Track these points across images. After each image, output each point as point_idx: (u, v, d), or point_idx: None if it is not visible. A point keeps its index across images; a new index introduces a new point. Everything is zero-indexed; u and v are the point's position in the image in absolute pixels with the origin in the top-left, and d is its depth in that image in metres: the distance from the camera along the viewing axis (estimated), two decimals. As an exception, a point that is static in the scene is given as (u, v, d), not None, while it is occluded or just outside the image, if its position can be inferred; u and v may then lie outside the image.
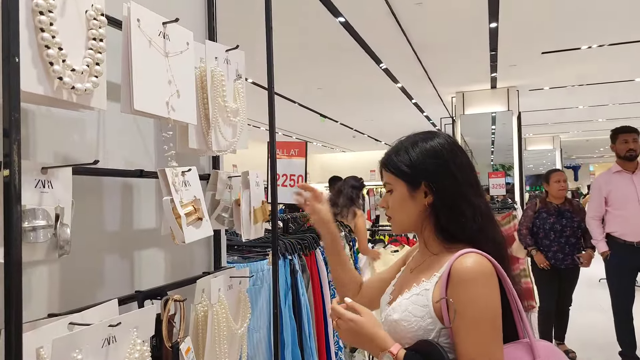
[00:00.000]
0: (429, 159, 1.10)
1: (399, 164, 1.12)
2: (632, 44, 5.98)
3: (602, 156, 25.30)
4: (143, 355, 0.92)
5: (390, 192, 1.15)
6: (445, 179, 1.08)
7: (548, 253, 3.82)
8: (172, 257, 1.38)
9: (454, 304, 0.95)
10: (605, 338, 4.25)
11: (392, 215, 1.16)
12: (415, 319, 0.99)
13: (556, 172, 3.94)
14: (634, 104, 10.38)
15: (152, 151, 1.32)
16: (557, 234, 3.79)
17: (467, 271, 0.96)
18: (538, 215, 3.90)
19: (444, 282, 0.98)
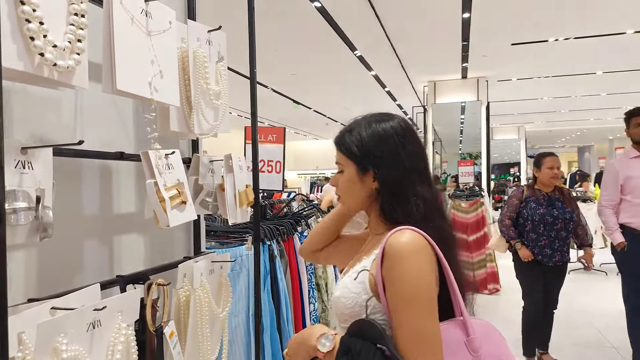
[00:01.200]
0: (380, 144, 1.09)
1: (351, 146, 1.11)
2: (595, 37, 6.18)
3: (564, 146, 26.25)
4: (128, 339, 0.90)
5: (340, 172, 1.15)
6: (393, 166, 1.07)
7: (534, 249, 3.31)
8: (152, 242, 1.36)
9: (389, 278, 0.95)
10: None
11: (340, 194, 1.16)
12: (352, 295, 1.00)
13: (549, 156, 3.38)
14: (595, 96, 10.77)
15: (132, 133, 1.28)
16: (546, 227, 3.26)
17: (400, 246, 0.96)
18: (525, 204, 3.37)
19: (379, 257, 0.98)
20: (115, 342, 0.88)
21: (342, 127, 1.24)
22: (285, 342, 2.05)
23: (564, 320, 3.43)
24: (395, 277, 0.95)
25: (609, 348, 3.88)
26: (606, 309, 4.61)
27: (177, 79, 1.16)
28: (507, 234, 3.44)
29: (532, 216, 3.30)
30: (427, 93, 8.87)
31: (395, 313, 0.94)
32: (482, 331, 1.01)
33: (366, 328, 0.94)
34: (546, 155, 3.40)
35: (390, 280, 0.95)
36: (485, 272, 5.91)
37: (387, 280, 0.95)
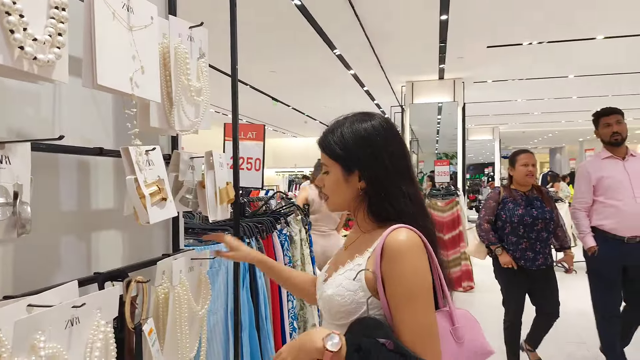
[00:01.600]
0: (363, 144, 1.11)
1: (334, 147, 1.13)
2: (567, 42, 6.35)
3: (536, 147, 26.89)
4: (107, 336, 0.90)
5: (326, 173, 1.17)
6: (378, 167, 1.09)
7: (515, 253, 3.11)
8: (131, 239, 1.34)
9: (390, 276, 0.99)
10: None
11: (327, 194, 1.18)
12: (348, 293, 1.03)
13: (523, 153, 3.23)
14: (567, 99, 11.07)
15: (111, 129, 1.27)
16: (526, 228, 3.07)
17: (400, 245, 0.99)
18: (503, 206, 3.18)
19: (377, 256, 1.01)
20: (93, 339, 0.87)
21: (322, 125, 1.26)
22: (263, 340, 2.05)
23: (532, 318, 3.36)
24: (396, 274, 0.98)
25: (579, 344, 3.99)
26: (577, 307, 4.76)
27: (158, 74, 1.16)
28: (487, 239, 3.21)
29: (510, 217, 3.11)
30: (404, 93, 8.96)
31: (398, 308, 0.98)
32: (464, 320, 1.08)
33: (372, 325, 0.97)
34: (520, 152, 3.25)
35: (391, 277, 0.98)
36: (460, 270, 6.02)
37: (388, 277, 0.99)
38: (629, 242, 3.00)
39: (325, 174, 1.17)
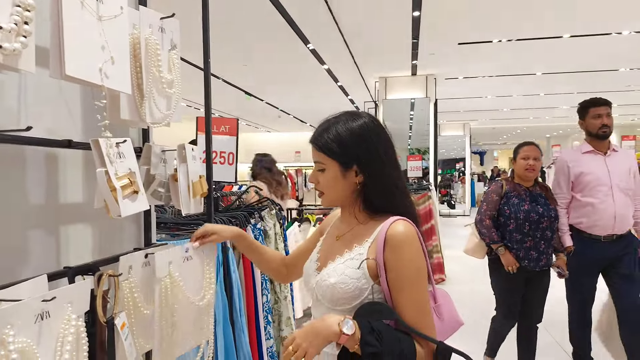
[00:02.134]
0: (359, 142, 1.18)
1: (331, 145, 1.19)
2: (535, 40, 6.53)
3: (505, 143, 27.56)
4: (78, 330, 0.89)
5: (322, 170, 1.21)
6: (374, 162, 1.18)
7: (519, 252, 2.88)
8: (101, 234, 1.32)
9: (393, 264, 1.09)
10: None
11: (324, 191, 1.23)
12: (351, 280, 1.10)
13: (525, 145, 2.99)
14: (534, 95, 11.38)
15: (79, 121, 1.24)
16: (532, 226, 2.85)
17: (401, 236, 1.10)
18: (506, 200, 2.94)
19: (380, 245, 1.10)
20: (65, 333, 0.86)
21: (296, 120, 1.30)
22: (238, 334, 2.05)
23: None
24: (399, 262, 1.09)
25: (552, 343, 3.97)
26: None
27: (128, 65, 1.14)
28: (489, 237, 2.96)
29: (515, 213, 2.87)
30: (378, 89, 9.04)
31: (400, 291, 1.08)
32: (442, 298, 1.21)
33: (377, 309, 1.06)
34: (523, 144, 3.02)
35: (393, 264, 1.09)
36: (432, 263, 6.14)
37: (391, 264, 1.09)
38: (605, 241, 2.91)
39: (320, 171, 1.21)
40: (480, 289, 5.59)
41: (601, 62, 7.95)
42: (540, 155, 2.94)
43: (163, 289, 1.20)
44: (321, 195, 1.25)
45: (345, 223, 1.26)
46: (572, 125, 17.58)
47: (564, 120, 16.60)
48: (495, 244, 2.93)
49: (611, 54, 7.36)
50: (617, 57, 7.65)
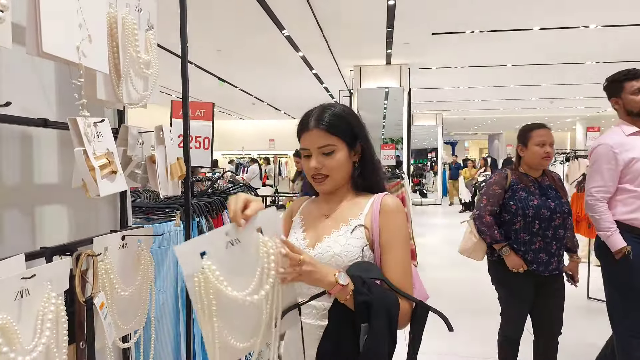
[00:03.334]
0: (357, 122, 1.29)
1: (340, 125, 1.24)
2: (506, 32, 6.67)
3: (476, 133, 28.13)
4: (58, 309, 0.89)
5: (329, 153, 1.23)
6: (367, 140, 1.29)
7: (526, 254, 2.45)
8: (77, 215, 1.31)
9: (387, 226, 1.20)
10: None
11: (330, 174, 1.24)
12: (354, 248, 1.19)
13: (539, 128, 2.52)
14: (505, 87, 11.64)
15: (54, 100, 1.22)
16: (542, 224, 2.42)
17: (394, 205, 1.23)
18: (512, 194, 2.50)
19: (375, 214, 1.22)
20: (45, 311, 0.86)
21: (271, 108, 1.33)
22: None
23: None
24: (391, 225, 1.21)
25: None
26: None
27: (106, 44, 1.12)
28: (491, 236, 2.52)
29: (523, 209, 2.43)
30: (353, 77, 9.06)
31: (389, 252, 1.19)
32: (415, 274, 1.29)
33: (365, 267, 1.15)
34: (534, 127, 2.54)
35: (386, 227, 1.20)
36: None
37: (385, 227, 1.20)
38: None
39: (327, 154, 1.23)
40: (454, 278, 5.74)
41: (569, 55, 8.19)
42: (554, 140, 2.52)
43: (196, 287, 0.92)
44: (323, 180, 1.24)
45: (331, 203, 1.31)
46: (541, 117, 18.09)
47: (533, 112, 17.06)
48: (498, 244, 2.49)
49: (578, 47, 7.59)
50: (584, 51, 7.90)
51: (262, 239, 0.97)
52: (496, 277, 2.64)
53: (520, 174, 2.54)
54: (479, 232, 2.59)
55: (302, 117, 1.30)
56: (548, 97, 13.66)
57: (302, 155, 1.31)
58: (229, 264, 0.95)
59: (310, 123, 1.24)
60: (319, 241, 1.24)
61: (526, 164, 2.55)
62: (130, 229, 1.45)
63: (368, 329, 1.06)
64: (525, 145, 2.52)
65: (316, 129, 1.23)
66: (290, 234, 1.36)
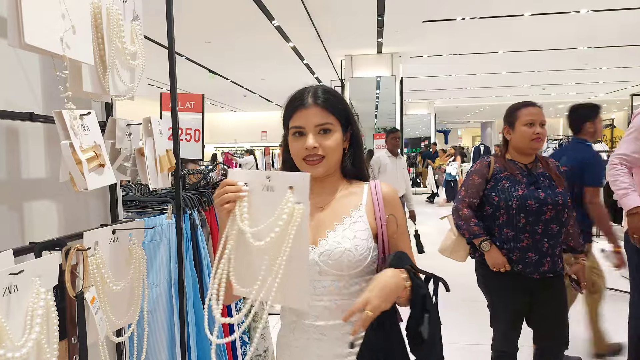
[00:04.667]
0: (349, 108, 1.24)
1: (340, 107, 1.20)
2: (497, 18, 6.66)
3: (469, 122, 28.18)
4: (48, 304, 0.88)
5: (326, 131, 1.16)
6: (357, 127, 1.25)
7: (511, 253, 2.14)
8: (66, 210, 1.29)
9: (397, 218, 1.21)
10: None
11: (326, 155, 1.16)
12: (362, 241, 1.16)
13: (527, 107, 2.21)
14: (496, 74, 11.64)
15: (39, 93, 1.20)
16: (530, 217, 2.09)
17: (394, 193, 1.23)
18: (495, 183, 2.17)
19: (378, 205, 1.19)
20: (34, 307, 0.85)
21: (262, 99, 1.31)
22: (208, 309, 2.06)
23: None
24: (398, 214, 1.22)
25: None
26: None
27: (90, 35, 1.10)
28: (468, 230, 2.21)
29: (506, 201, 2.11)
30: (344, 67, 9.02)
31: (402, 241, 1.21)
32: None
33: (403, 257, 1.15)
34: (521, 106, 2.23)
35: (397, 217, 1.21)
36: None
37: (393, 218, 1.20)
38: None
39: (325, 133, 1.15)
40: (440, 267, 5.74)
41: (560, 41, 8.20)
42: (545, 120, 2.20)
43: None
44: (319, 161, 1.16)
45: (323, 194, 1.23)
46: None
47: (525, 98, 17.04)
48: (477, 239, 2.19)
49: (570, 32, 7.59)
50: (575, 36, 7.90)
51: (290, 197, 1.01)
52: (482, 281, 2.32)
53: (506, 161, 2.22)
54: (457, 228, 2.29)
55: (294, 95, 1.21)
56: (540, 84, 13.69)
57: (292, 134, 1.19)
58: (257, 205, 1.04)
59: (307, 100, 1.16)
60: (322, 237, 1.16)
61: (514, 149, 2.23)
62: (121, 222, 1.43)
63: (429, 317, 1.08)
64: (512, 126, 2.22)
65: (314, 105, 1.15)
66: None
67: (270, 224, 1.00)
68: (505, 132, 2.28)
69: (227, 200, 1.04)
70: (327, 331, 1.15)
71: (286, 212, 0.99)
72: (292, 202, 1.00)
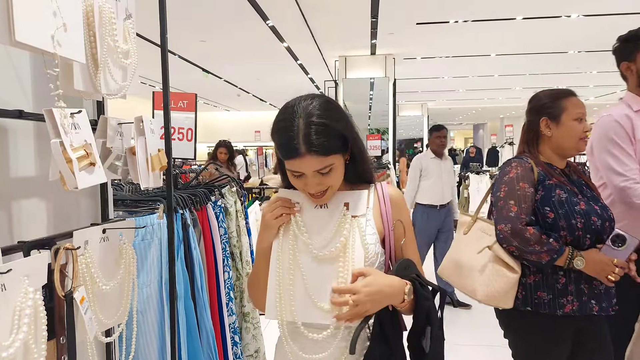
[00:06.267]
0: (342, 121, 1.13)
1: (335, 141, 1.09)
2: (490, 21, 6.70)
3: (461, 123, 28.33)
4: (37, 304, 0.87)
5: (328, 172, 1.10)
6: (355, 134, 1.19)
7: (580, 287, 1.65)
8: (56, 209, 1.28)
9: (405, 222, 1.19)
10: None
11: (331, 186, 1.13)
12: (371, 246, 1.14)
13: (572, 96, 1.79)
14: (489, 77, 11.71)
15: (29, 91, 1.19)
16: (594, 237, 1.65)
17: (401, 196, 1.23)
18: (546, 195, 1.68)
19: (386, 209, 1.18)
20: (22, 307, 0.84)
21: (256, 99, 1.28)
22: (200, 310, 2.05)
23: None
24: (406, 218, 1.21)
25: None
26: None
27: (82, 33, 1.09)
28: (546, 251, 1.59)
29: (568, 218, 1.63)
30: (338, 68, 9.04)
31: (410, 245, 1.19)
32: None
33: (409, 265, 1.14)
34: (567, 94, 1.79)
35: (404, 221, 1.19)
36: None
37: (401, 222, 1.18)
38: None
39: (326, 174, 1.10)
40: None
41: (552, 45, 8.27)
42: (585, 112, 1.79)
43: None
44: (322, 195, 1.13)
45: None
46: (524, 106, 18.24)
47: (517, 101, 17.21)
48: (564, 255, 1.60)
49: (561, 36, 7.66)
50: (566, 40, 7.98)
51: (346, 212, 1.14)
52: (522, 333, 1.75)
53: (545, 165, 1.75)
54: (524, 255, 1.62)
55: (282, 134, 1.08)
56: (532, 87, 13.80)
57: (290, 173, 1.14)
58: (311, 220, 1.16)
59: (300, 148, 1.05)
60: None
61: (553, 149, 1.77)
62: (111, 222, 1.42)
63: (431, 331, 1.07)
64: (556, 119, 1.74)
65: (308, 155, 1.05)
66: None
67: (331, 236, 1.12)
68: (543, 127, 1.79)
69: (281, 213, 1.13)
70: (324, 344, 1.13)
71: (346, 226, 1.11)
72: (350, 217, 1.13)
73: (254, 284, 1.28)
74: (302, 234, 1.13)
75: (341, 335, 1.10)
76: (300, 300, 1.11)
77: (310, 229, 1.14)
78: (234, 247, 2.55)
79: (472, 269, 1.77)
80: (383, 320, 1.07)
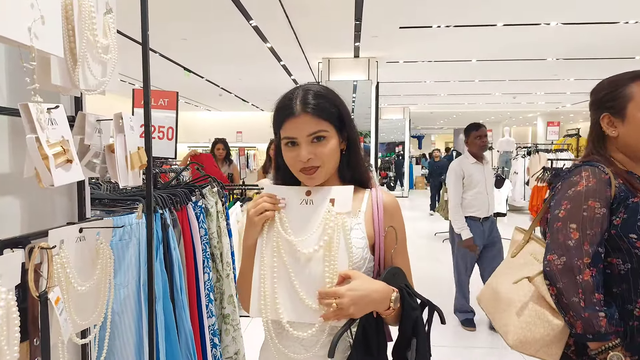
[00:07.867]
0: (343, 107, 1.14)
1: (332, 110, 1.10)
2: (472, 27, 6.79)
3: (442, 128, 28.64)
4: (9, 304, 0.84)
5: (320, 139, 1.08)
6: (353, 126, 1.17)
7: None
8: (31, 207, 1.25)
9: (398, 230, 1.15)
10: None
11: (322, 164, 1.10)
12: (358, 250, 1.11)
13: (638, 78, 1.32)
14: (469, 82, 11.87)
15: (4, 84, 1.15)
16: None
17: (395, 203, 1.18)
18: (629, 216, 1.23)
19: (378, 214, 1.14)
20: (-7, 307, 0.81)
21: (238, 99, 1.26)
22: (178, 311, 2.02)
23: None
24: (399, 225, 1.16)
25: None
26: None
27: (60, 27, 1.07)
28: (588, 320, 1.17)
29: None
30: (321, 70, 9.04)
31: (400, 255, 1.16)
32: None
33: (397, 273, 1.12)
34: (626, 80, 1.34)
35: (397, 229, 1.15)
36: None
37: (394, 230, 1.15)
38: None
39: (319, 142, 1.08)
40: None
41: (531, 52, 8.42)
42: None
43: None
44: (314, 171, 1.10)
45: None
46: (503, 112, 18.57)
47: (496, 107, 17.48)
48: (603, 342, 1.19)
49: (540, 43, 7.81)
50: (545, 47, 8.13)
51: (331, 208, 1.10)
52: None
53: (627, 175, 1.31)
54: (561, 303, 1.23)
55: (281, 101, 1.13)
56: (511, 93, 14.03)
57: (284, 144, 1.12)
58: (296, 217, 1.13)
59: (296, 107, 1.07)
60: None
61: (625, 151, 1.36)
62: (88, 221, 1.39)
63: (416, 342, 1.04)
64: (622, 114, 1.33)
65: (304, 113, 1.07)
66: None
67: (316, 233, 1.09)
68: (605, 126, 1.38)
69: (266, 209, 1.10)
70: (310, 342, 1.12)
71: (331, 224, 1.08)
72: (334, 214, 1.09)
73: (241, 283, 1.25)
74: (286, 230, 1.11)
75: (327, 334, 1.08)
76: (283, 298, 1.10)
77: (294, 225, 1.12)
78: (215, 248, 2.52)
79: (510, 304, 1.36)
80: (366, 326, 1.04)
